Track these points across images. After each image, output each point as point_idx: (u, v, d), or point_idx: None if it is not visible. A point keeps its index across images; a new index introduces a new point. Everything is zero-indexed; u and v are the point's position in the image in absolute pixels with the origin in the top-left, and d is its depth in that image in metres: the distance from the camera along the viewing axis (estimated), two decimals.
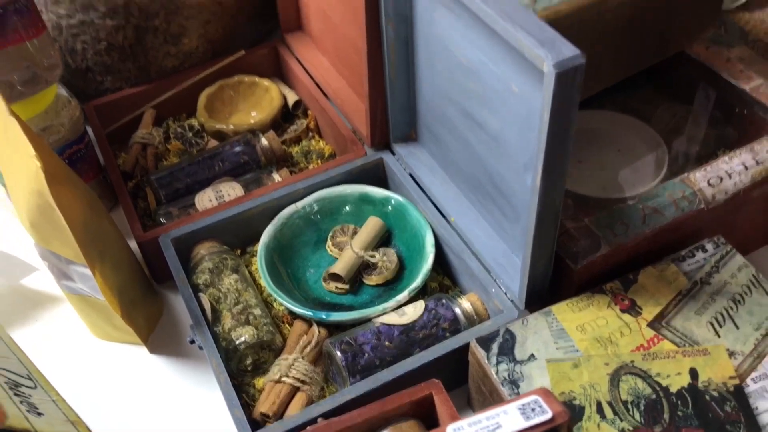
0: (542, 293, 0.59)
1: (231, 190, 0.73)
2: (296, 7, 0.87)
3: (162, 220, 0.71)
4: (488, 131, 0.58)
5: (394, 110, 0.71)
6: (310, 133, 0.84)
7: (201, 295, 0.64)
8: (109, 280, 0.60)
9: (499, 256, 0.62)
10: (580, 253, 0.58)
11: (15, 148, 0.53)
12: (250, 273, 0.69)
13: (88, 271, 0.58)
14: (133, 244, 0.69)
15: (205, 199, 0.72)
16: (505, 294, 0.60)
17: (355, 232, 0.70)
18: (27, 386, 0.37)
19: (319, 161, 0.80)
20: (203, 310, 0.63)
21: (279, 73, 0.90)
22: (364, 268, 0.68)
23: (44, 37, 0.66)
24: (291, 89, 0.88)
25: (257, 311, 0.62)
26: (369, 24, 0.65)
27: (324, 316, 0.61)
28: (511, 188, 0.58)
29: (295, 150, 0.82)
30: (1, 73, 0.64)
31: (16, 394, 0.35)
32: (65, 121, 0.71)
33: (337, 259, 0.69)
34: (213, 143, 0.83)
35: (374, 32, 0.65)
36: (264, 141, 0.78)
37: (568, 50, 0.44)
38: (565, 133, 0.47)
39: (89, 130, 0.82)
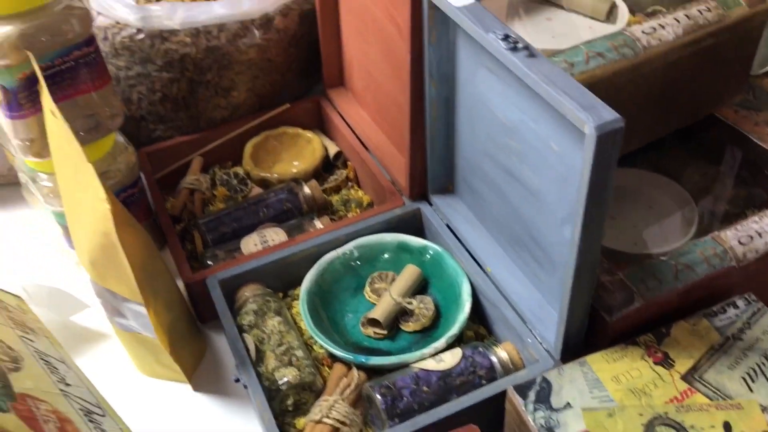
0: (577, 344, 0.61)
1: (275, 235, 0.76)
2: (339, 65, 0.91)
3: (209, 262, 0.75)
4: (527, 186, 0.61)
5: (432, 163, 0.74)
6: (350, 183, 0.87)
7: (245, 335, 0.67)
8: (161, 318, 0.63)
9: (534, 306, 0.64)
10: (615, 306, 0.60)
11: (84, 190, 0.57)
12: (291, 316, 0.71)
13: (142, 309, 0.61)
14: (179, 284, 0.72)
15: (250, 244, 0.76)
16: (541, 344, 0.62)
17: (393, 279, 0.73)
18: (98, 414, 0.40)
19: (358, 210, 0.83)
20: (247, 350, 0.65)
21: (321, 125, 0.94)
22: (401, 314, 0.70)
23: (109, 87, 0.70)
24: (332, 141, 0.92)
25: (299, 353, 0.65)
26: (413, 84, 0.69)
27: (364, 360, 0.64)
28: (549, 241, 0.61)
29: (335, 199, 0.85)
30: (68, 121, 0.68)
31: (90, 421, 0.38)
32: (122, 167, 0.75)
33: (375, 304, 0.71)
34: (256, 190, 0.87)
35: (417, 91, 0.69)
36: (306, 189, 0.82)
37: (609, 114, 0.47)
38: (604, 191, 0.50)
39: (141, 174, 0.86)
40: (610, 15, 0.85)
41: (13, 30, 0.61)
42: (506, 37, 0.53)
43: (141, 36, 0.80)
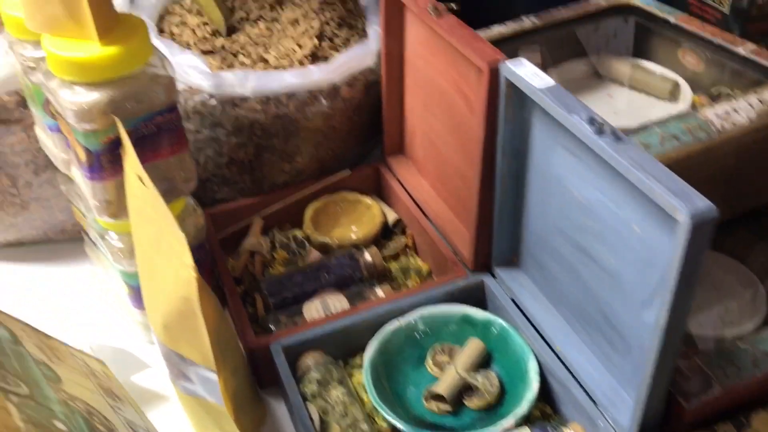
0: (653, 430, 0.59)
1: (337, 301, 0.76)
2: (400, 134, 0.93)
3: (271, 326, 0.75)
4: (602, 266, 0.61)
5: (498, 236, 0.74)
6: (408, 251, 0.88)
7: (309, 404, 0.66)
8: (228, 384, 0.62)
9: (606, 388, 0.63)
10: (693, 393, 0.59)
11: (166, 255, 0.58)
12: (353, 386, 0.70)
13: (213, 376, 0.60)
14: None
15: (313, 309, 0.76)
16: (613, 428, 0.61)
17: (455, 353, 0.72)
18: None
19: (417, 278, 0.83)
20: (311, 420, 0.64)
21: (379, 191, 0.95)
22: (465, 389, 0.69)
23: (186, 152, 0.72)
24: (390, 208, 0.92)
25: (365, 426, 0.64)
26: (484, 158, 0.69)
27: None
28: (625, 323, 0.60)
29: (393, 266, 0.85)
30: None
31: None
32: (190, 229, 0.76)
33: (437, 378, 0.70)
34: (314, 254, 0.87)
35: (488, 165, 0.70)
36: (368, 257, 0.82)
37: (702, 203, 0.47)
38: (693, 277, 0.49)
39: None
40: (672, 94, 0.86)
41: (102, 96, 0.63)
42: (592, 121, 0.54)
43: (213, 102, 0.83)
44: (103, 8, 0.63)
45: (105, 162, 0.66)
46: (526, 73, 0.61)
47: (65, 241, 0.92)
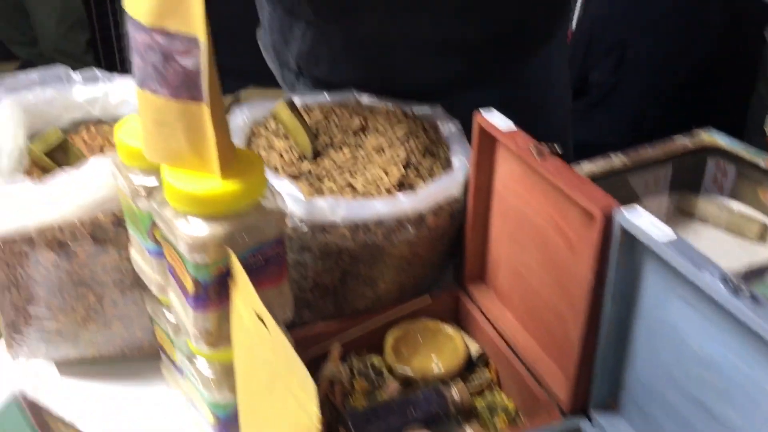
0: None
1: None
2: (482, 263, 0.93)
3: None
4: (723, 423, 0.59)
5: (598, 380, 0.72)
6: (493, 386, 0.85)
7: None
8: None
9: None
10: None
11: (284, 397, 0.56)
12: None
13: None
14: None
15: None
16: None
17: None
18: None
19: (505, 417, 0.81)
20: None
21: (457, 319, 0.94)
22: None
23: (285, 282, 0.72)
24: (471, 337, 0.91)
25: None
26: (590, 303, 0.68)
27: None
28: None
29: (479, 403, 0.83)
30: None
31: None
32: None
33: None
34: (392, 384, 0.85)
35: (593, 310, 0.69)
36: (455, 394, 0.80)
37: None
38: None
39: None
40: (761, 236, 0.86)
41: (218, 230, 0.64)
42: (726, 280, 0.54)
43: (304, 228, 0.83)
44: (226, 143, 0.65)
45: (212, 293, 0.66)
46: (644, 223, 0.61)
47: (141, 359, 0.91)
